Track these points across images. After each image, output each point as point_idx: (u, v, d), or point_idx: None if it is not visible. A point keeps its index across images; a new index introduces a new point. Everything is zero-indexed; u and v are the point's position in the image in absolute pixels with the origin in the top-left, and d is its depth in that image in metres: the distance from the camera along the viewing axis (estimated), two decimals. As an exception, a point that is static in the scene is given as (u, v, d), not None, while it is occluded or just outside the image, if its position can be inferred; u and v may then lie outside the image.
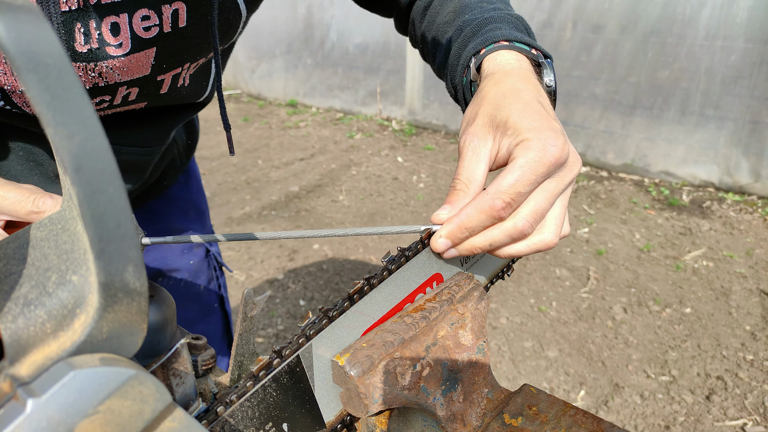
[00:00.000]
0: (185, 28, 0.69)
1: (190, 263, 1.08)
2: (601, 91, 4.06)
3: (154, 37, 0.66)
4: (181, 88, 0.78)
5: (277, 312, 2.80)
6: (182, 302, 1.08)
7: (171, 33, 0.68)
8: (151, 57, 0.68)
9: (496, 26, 0.71)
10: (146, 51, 0.67)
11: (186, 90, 0.79)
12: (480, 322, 0.57)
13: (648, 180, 4.00)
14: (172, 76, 0.75)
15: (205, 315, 1.12)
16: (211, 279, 1.13)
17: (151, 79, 0.72)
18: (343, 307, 0.50)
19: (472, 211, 0.54)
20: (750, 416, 2.06)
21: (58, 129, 0.23)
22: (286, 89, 6.30)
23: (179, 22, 0.67)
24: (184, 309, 1.08)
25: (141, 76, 0.70)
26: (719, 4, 3.46)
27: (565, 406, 0.54)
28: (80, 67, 0.64)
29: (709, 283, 2.84)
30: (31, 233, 0.34)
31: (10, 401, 0.24)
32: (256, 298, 0.42)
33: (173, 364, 0.39)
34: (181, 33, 0.69)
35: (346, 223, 3.61)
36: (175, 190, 1.08)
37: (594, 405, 2.16)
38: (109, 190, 0.25)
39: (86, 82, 0.66)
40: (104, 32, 0.63)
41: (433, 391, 0.52)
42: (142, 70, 0.69)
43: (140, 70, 0.69)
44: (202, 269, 1.11)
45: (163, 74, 0.73)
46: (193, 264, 1.09)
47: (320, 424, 0.51)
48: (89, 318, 0.27)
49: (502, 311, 2.71)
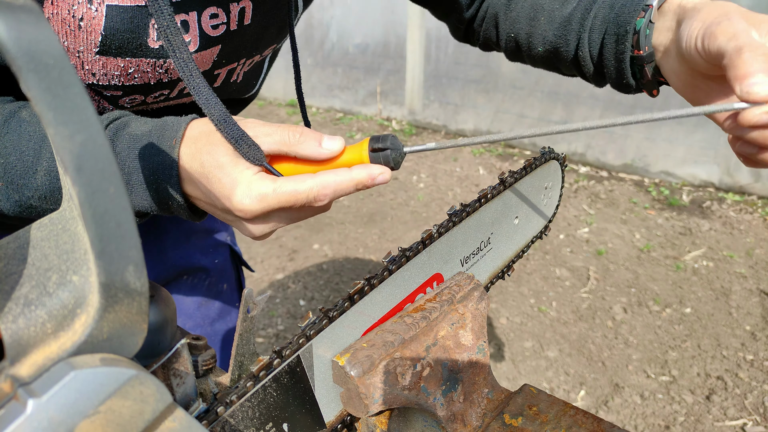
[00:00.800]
0: (249, 26, 0.70)
1: (215, 262, 1.08)
2: (601, 91, 4.06)
3: (221, 35, 0.67)
4: (233, 83, 0.78)
5: (277, 312, 2.80)
6: (204, 300, 1.08)
7: (236, 31, 0.69)
8: (215, 54, 0.70)
9: None
10: (212, 49, 0.68)
11: (237, 86, 0.80)
12: (480, 322, 0.57)
13: (648, 180, 4.00)
14: (227, 71, 0.75)
15: (225, 314, 1.13)
16: (234, 279, 1.14)
17: (208, 73, 0.72)
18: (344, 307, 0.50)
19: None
20: (750, 416, 2.06)
21: (58, 129, 0.23)
22: (286, 89, 6.30)
23: (245, 19, 0.69)
24: (206, 307, 1.08)
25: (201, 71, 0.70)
26: (719, 4, 3.46)
27: (565, 406, 0.54)
28: (150, 63, 0.64)
29: (709, 283, 2.84)
30: (32, 233, 0.34)
31: (11, 401, 0.24)
32: (256, 298, 0.42)
33: (173, 364, 0.39)
34: (245, 30, 0.70)
35: (346, 223, 3.61)
36: None
37: (594, 405, 2.16)
38: (109, 190, 0.25)
39: (152, 77, 0.67)
40: None
41: (433, 391, 0.52)
42: (204, 66, 0.70)
43: (203, 66, 0.70)
44: (226, 268, 1.11)
45: (220, 69, 0.74)
46: (218, 263, 1.09)
47: (320, 424, 0.51)
48: (90, 318, 0.27)
49: (502, 311, 2.71)
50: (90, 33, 0.59)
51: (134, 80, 0.66)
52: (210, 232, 1.09)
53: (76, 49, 0.60)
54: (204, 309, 1.08)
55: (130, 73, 0.64)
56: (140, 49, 0.63)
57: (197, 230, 1.06)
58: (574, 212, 3.61)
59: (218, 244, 1.10)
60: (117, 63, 0.63)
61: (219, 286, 1.10)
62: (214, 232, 1.09)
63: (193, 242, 1.05)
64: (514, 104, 4.49)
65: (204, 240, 1.06)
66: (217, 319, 1.11)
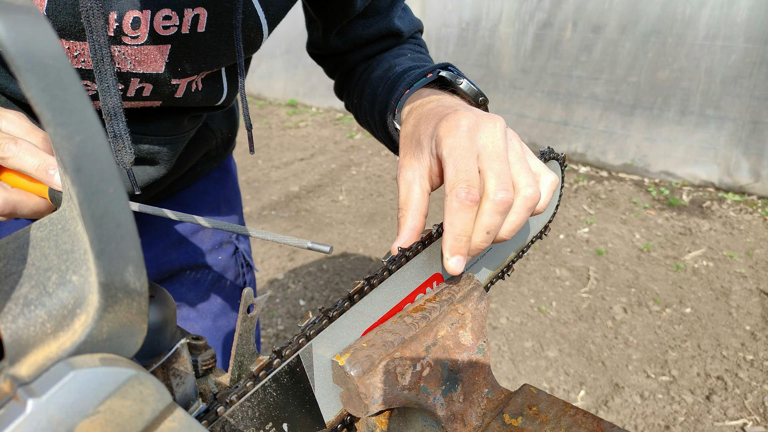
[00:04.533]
0: (203, 34, 0.71)
1: (219, 259, 1.10)
2: (601, 91, 4.06)
3: (171, 35, 0.68)
4: (195, 92, 0.80)
5: (277, 312, 2.80)
6: (208, 297, 1.10)
7: (188, 35, 0.70)
8: (165, 53, 0.70)
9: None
10: (160, 46, 0.69)
11: (201, 94, 0.81)
12: (480, 322, 0.57)
13: (648, 180, 4.00)
14: (187, 83, 0.77)
15: (229, 310, 1.14)
16: (238, 276, 1.15)
17: (165, 80, 0.73)
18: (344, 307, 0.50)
19: (450, 218, 0.54)
20: (750, 416, 2.06)
21: (58, 129, 0.23)
22: (286, 89, 6.30)
23: (198, 26, 0.70)
24: (210, 303, 1.10)
25: (155, 72, 0.71)
26: (719, 4, 3.46)
27: (565, 406, 0.54)
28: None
29: (709, 283, 2.84)
30: (31, 233, 0.34)
31: (11, 401, 0.24)
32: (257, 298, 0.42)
33: (173, 364, 0.39)
34: (198, 38, 0.71)
35: (346, 223, 3.61)
36: (208, 184, 1.09)
37: (594, 405, 2.16)
38: (109, 190, 0.25)
39: None
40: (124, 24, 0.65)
41: (433, 391, 0.52)
42: (156, 66, 0.71)
43: (153, 64, 0.71)
44: (230, 266, 1.12)
45: (179, 79, 0.75)
46: (221, 260, 1.10)
47: (320, 424, 0.51)
48: (89, 318, 0.27)
49: (502, 311, 2.71)
50: None
51: (81, 63, 0.67)
52: (215, 230, 1.10)
53: None
54: (207, 303, 1.10)
55: (76, 55, 0.66)
56: (82, 33, 0.64)
57: (202, 227, 1.07)
58: (574, 212, 3.61)
59: (223, 242, 1.11)
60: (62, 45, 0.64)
61: (222, 283, 1.12)
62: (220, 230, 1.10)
63: (198, 239, 1.06)
64: (513, 104, 4.49)
65: (209, 238, 1.08)
66: (220, 315, 1.12)
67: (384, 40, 0.93)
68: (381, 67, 0.88)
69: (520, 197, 0.56)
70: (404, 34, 0.93)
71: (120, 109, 0.64)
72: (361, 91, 0.91)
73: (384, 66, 0.88)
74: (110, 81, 0.63)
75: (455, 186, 0.54)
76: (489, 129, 0.56)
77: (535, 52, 4.27)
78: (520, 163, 0.57)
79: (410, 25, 0.95)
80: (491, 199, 0.54)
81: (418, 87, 0.74)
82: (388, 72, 0.85)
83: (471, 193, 0.53)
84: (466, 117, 0.57)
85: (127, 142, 0.66)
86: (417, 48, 0.95)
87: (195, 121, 0.92)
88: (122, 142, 0.65)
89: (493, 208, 0.54)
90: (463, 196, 0.53)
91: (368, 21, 0.90)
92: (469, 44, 4.57)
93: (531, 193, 0.56)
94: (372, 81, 0.88)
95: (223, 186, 1.13)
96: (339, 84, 1.02)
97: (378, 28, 0.90)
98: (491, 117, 0.58)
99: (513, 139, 0.58)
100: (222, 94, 0.86)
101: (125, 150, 0.66)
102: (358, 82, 0.93)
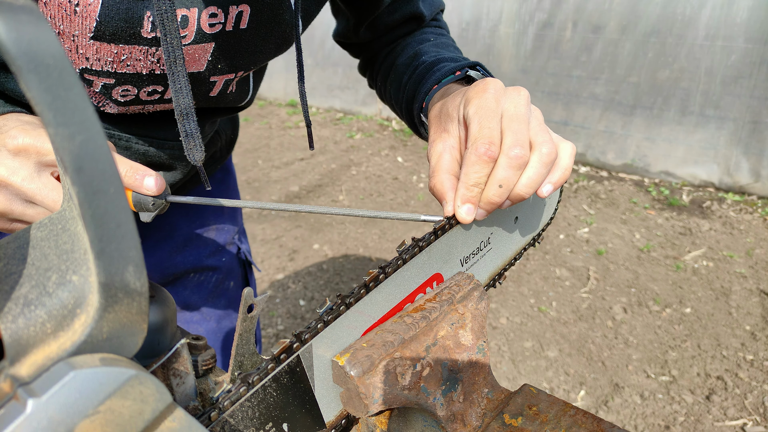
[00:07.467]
0: (245, 31, 0.72)
1: (223, 260, 1.11)
2: (601, 91, 4.06)
3: (216, 33, 0.69)
4: (229, 93, 0.82)
5: (277, 312, 2.80)
6: (212, 299, 1.11)
7: (231, 32, 0.71)
8: (208, 52, 0.71)
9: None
10: (205, 45, 0.70)
11: (232, 96, 0.83)
12: (480, 322, 0.57)
13: (648, 180, 4.00)
14: (224, 81, 0.78)
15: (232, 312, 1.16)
16: (241, 277, 1.17)
17: (204, 77, 0.74)
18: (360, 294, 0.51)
19: (466, 169, 0.57)
20: (750, 416, 2.06)
21: (59, 129, 0.23)
22: (286, 89, 6.30)
23: (241, 23, 0.71)
24: (213, 304, 1.11)
25: (196, 71, 0.72)
26: (719, 4, 3.46)
27: (565, 406, 0.54)
28: (142, 51, 0.67)
29: (709, 283, 2.84)
30: (32, 233, 0.34)
31: (11, 401, 0.24)
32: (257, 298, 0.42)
33: (173, 364, 0.39)
34: (240, 35, 0.72)
35: (346, 223, 3.61)
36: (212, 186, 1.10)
37: (594, 405, 2.16)
38: (109, 190, 0.25)
39: (144, 67, 0.69)
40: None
41: (433, 391, 0.52)
42: (198, 65, 0.72)
43: (196, 63, 0.71)
44: (233, 267, 1.14)
45: (217, 76, 0.76)
46: (225, 261, 1.11)
47: (320, 424, 0.51)
48: (89, 318, 0.27)
49: (502, 311, 2.71)
50: (85, 18, 0.61)
51: (126, 68, 0.68)
52: (219, 231, 1.10)
53: (71, 33, 0.62)
54: (211, 305, 1.10)
55: (123, 60, 0.66)
56: (133, 37, 0.65)
57: (207, 229, 1.08)
58: (574, 212, 3.61)
59: (226, 244, 1.12)
60: (110, 49, 0.65)
61: (226, 284, 1.12)
62: (223, 231, 1.11)
63: (203, 241, 1.06)
64: (514, 104, 4.48)
65: (213, 239, 1.08)
66: (223, 317, 1.12)
67: (407, 24, 0.96)
68: (405, 53, 0.91)
69: (537, 153, 0.58)
70: (426, 17, 0.96)
71: (191, 108, 0.65)
72: (386, 75, 0.95)
73: (408, 52, 0.91)
74: (182, 81, 0.64)
75: (476, 141, 0.57)
76: (514, 96, 0.60)
77: (535, 52, 4.27)
78: (539, 126, 0.60)
79: (431, 8, 0.97)
80: (505, 154, 0.57)
81: (446, 83, 0.78)
82: (414, 60, 0.88)
83: (490, 150, 0.56)
84: (493, 83, 0.61)
85: (198, 141, 0.67)
86: (438, 30, 0.98)
87: (213, 126, 0.93)
88: (193, 141, 0.67)
89: (506, 162, 0.57)
90: (483, 150, 0.56)
91: (392, 6, 0.92)
92: (469, 44, 4.57)
93: (547, 150, 0.58)
94: (397, 67, 0.91)
95: (226, 187, 1.14)
96: (363, 64, 1.06)
97: (402, 13, 0.93)
98: (517, 87, 0.62)
99: (535, 111, 0.62)
100: (248, 95, 0.88)
101: (196, 148, 0.67)
102: (382, 66, 0.96)
